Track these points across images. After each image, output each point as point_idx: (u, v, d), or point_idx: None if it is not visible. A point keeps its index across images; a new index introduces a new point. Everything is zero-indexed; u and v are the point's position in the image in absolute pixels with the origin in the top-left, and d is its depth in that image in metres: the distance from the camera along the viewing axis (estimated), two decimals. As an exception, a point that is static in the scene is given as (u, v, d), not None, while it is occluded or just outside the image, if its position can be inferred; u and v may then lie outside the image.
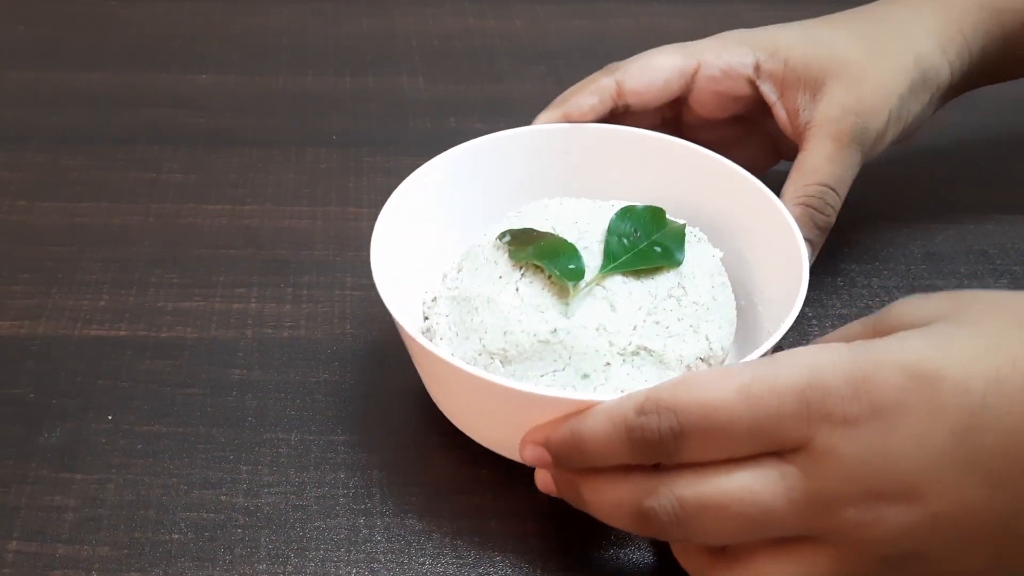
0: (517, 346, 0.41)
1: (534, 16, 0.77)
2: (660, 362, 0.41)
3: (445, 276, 0.46)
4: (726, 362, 0.44)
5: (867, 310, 0.52)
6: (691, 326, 0.42)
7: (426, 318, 0.45)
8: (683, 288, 0.42)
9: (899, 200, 0.59)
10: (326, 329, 0.50)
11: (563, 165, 0.50)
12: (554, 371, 0.40)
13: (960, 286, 0.54)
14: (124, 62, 0.70)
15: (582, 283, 0.42)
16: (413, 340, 0.40)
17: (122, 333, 0.50)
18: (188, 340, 0.49)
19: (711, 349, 0.42)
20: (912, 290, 0.53)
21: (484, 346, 0.41)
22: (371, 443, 0.45)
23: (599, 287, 0.42)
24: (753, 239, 0.46)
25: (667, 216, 0.45)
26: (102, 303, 0.51)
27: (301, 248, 0.55)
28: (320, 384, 0.47)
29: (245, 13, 0.77)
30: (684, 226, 0.45)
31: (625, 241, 0.43)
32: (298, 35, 0.74)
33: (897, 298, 0.52)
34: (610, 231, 0.44)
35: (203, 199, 0.58)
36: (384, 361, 0.48)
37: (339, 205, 0.58)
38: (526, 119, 0.51)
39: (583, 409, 0.37)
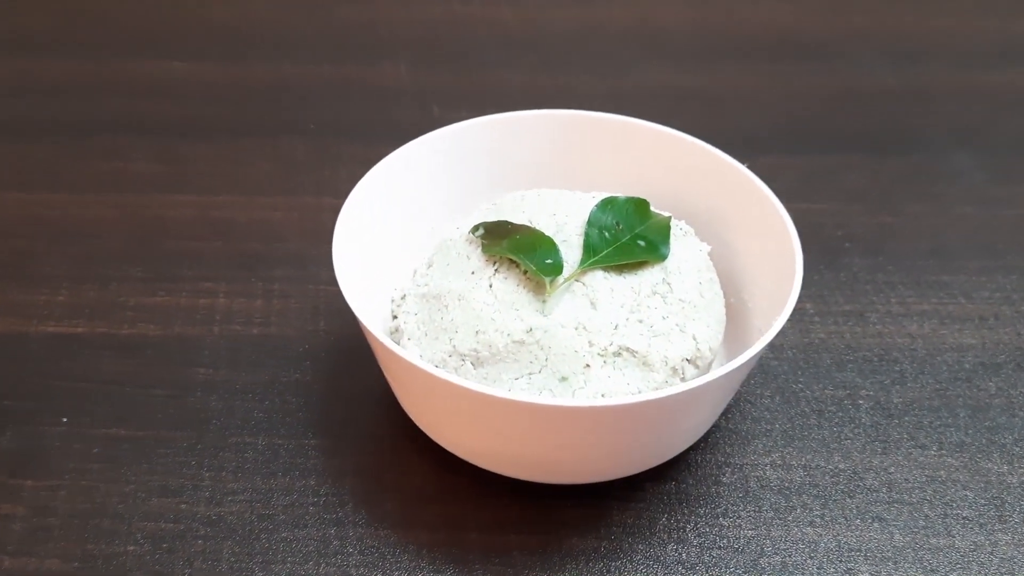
0: (490, 347, 0.38)
1: (523, 4, 0.74)
2: (644, 363, 0.38)
3: (415, 272, 0.43)
4: (714, 364, 0.42)
5: (871, 307, 0.50)
6: (677, 325, 0.39)
7: (395, 317, 0.42)
8: (668, 284, 0.40)
9: (902, 192, 0.57)
10: (298, 326, 0.48)
11: (541, 154, 0.48)
12: (530, 374, 0.38)
13: (969, 283, 0.51)
14: (93, 50, 0.68)
15: (560, 279, 0.39)
16: (376, 339, 0.37)
17: (80, 330, 0.47)
18: (150, 338, 0.47)
19: (698, 350, 0.40)
20: (919, 286, 0.51)
21: (454, 347, 0.39)
22: (344, 448, 0.43)
23: (578, 283, 0.39)
24: (743, 232, 0.45)
25: (651, 208, 0.42)
26: (60, 298, 0.49)
27: (273, 241, 0.53)
28: (290, 384, 0.45)
29: (222, -1, 0.74)
30: (669, 219, 0.43)
31: (606, 234, 0.41)
32: (276, 22, 0.72)
33: (903, 295, 0.51)
34: (590, 224, 0.41)
35: (171, 190, 0.56)
36: (359, 360, 0.46)
37: (315, 196, 0.56)
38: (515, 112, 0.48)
39: (561, 416, 0.34)
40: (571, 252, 0.40)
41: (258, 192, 0.56)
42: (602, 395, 0.38)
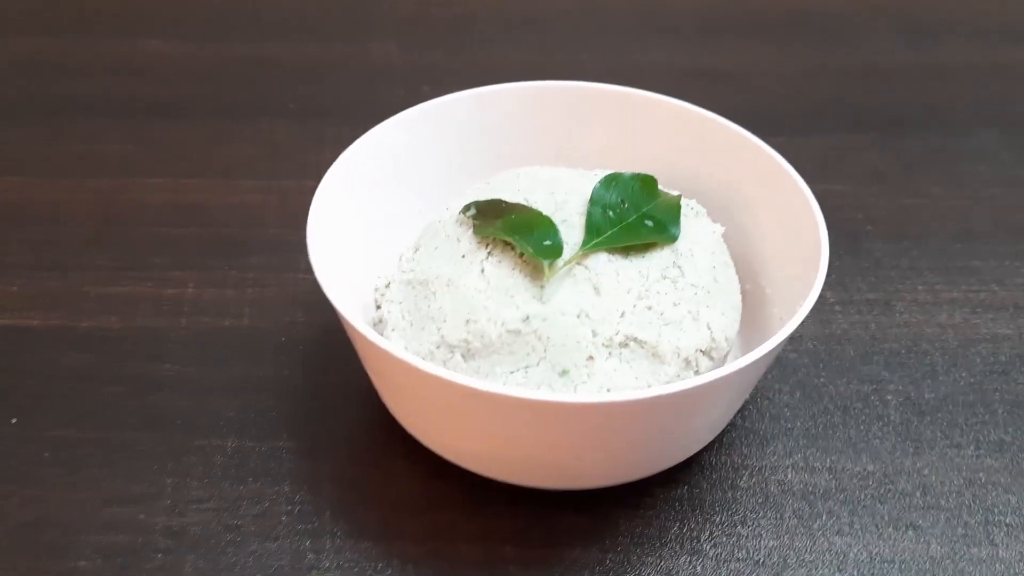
0: (482, 337, 0.34)
1: (519, -22, 0.71)
2: (653, 355, 0.35)
3: (401, 257, 0.40)
4: (730, 356, 0.38)
5: (897, 295, 0.46)
6: (690, 312, 0.36)
7: (379, 307, 0.39)
8: (679, 268, 0.36)
9: (924, 172, 0.54)
10: (274, 318, 0.44)
11: (538, 129, 0.44)
12: (526, 367, 0.34)
13: (1001, 268, 0.48)
14: (65, 27, 0.64)
15: (560, 262, 0.36)
16: (354, 328, 0.34)
17: (34, 323, 0.43)
18: (112, 331, 0.43)
19: (714, 339, 0.36)
20: (947, 272, 0.47)
21: (443, 337, 0.35)
22: (322, 451, 0.39)
23: (580, 267, 0.36)
24: (759, 213, 0.41)
25: (659, 187, 0.39)
26: (14, 288, 0.45)
27: (251, 226, 0.49)
28: (264, 381, 0.42)
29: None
30: (679, 197, 0.39)
31: (611, 213, 0.37)
32: (258, -2, 0.68)
33: (931, 281, 0.47)
34: (593, 202, 0.38)
35: (145, 173, 0.52)
36: (340, 355, 0.42)
37: (296, 179, 0.52)
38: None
39: (562, 413, 0.31)
40: (572, 233, 0.37)
41: (236, 175, 0.53)
42: (607, 390, 0.34)
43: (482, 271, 0.36)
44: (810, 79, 0.61)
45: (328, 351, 0.43)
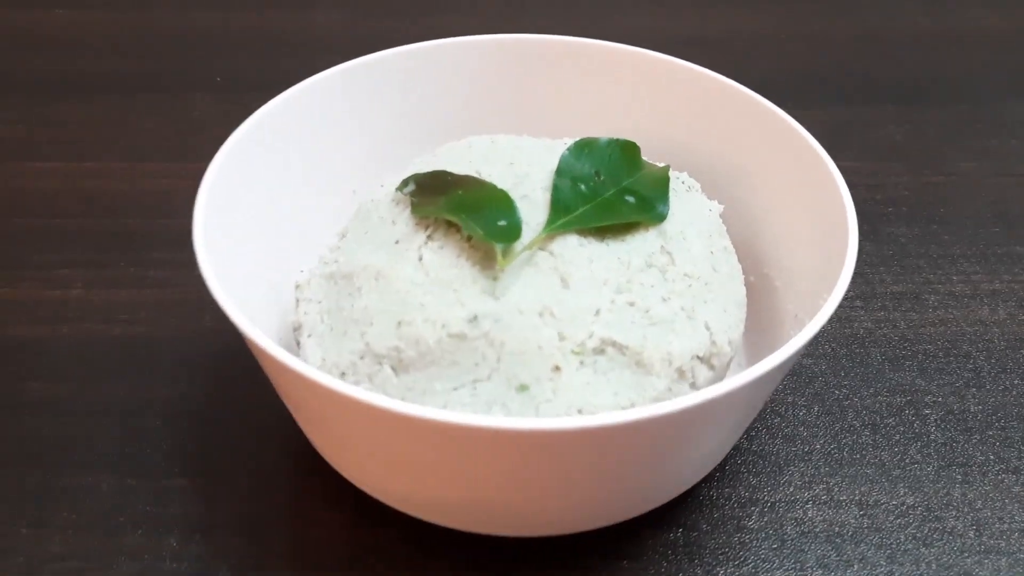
0: (417, 344, 0.27)
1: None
2: (637, 363, 0.27)
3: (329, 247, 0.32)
4: (734, 362, 0.30)
5: (928, 287, 0.39)
6: (683, 309, 0.28)
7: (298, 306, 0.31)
8: (669, 255, 0.29)
9: (950, 147, 0.47)
10: (174, 325, 0.37)
11: (495, 91, 0.37)
12: (475, 381, 0.27)
13: (1050, 253, 0.40)
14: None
15: (518, 246, 0.28)
16: (250, 338, 0.25)
17: None
18: (-30, 343, 0.35)
19: (713, 343, 0.28)
20: (986, 260, 0.40)
21: (368, 345, 0.27)
22: (222, 492, 0.32)
23: (544, 253, 0.28)
24: (767, 189, 0.35)
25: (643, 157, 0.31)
26: None
27: (157, 216, 0.42)
28: (155, 403, 0.34)
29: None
30: (667, 169, 0.31)
31: (582, 187, 0.30)
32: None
33: (965, 270, 0.40)
34: (560, 174, 0.30)
35: (33, 156, 0.45)
36: (252, 370, 0.34)
37: (216, 162, 0.44)
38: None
39: (520, 443, 0.23)
40: (534, 211, 0.29)
41: (143, 157, 0.46)
42: (578, 410, 0.26)
43: (420, 259, 0.28)
44: (814, 46, 0.55)
45: (238, 366, 0.35)
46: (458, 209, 0.29)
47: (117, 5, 0.57)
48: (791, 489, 0.32)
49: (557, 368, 0.27)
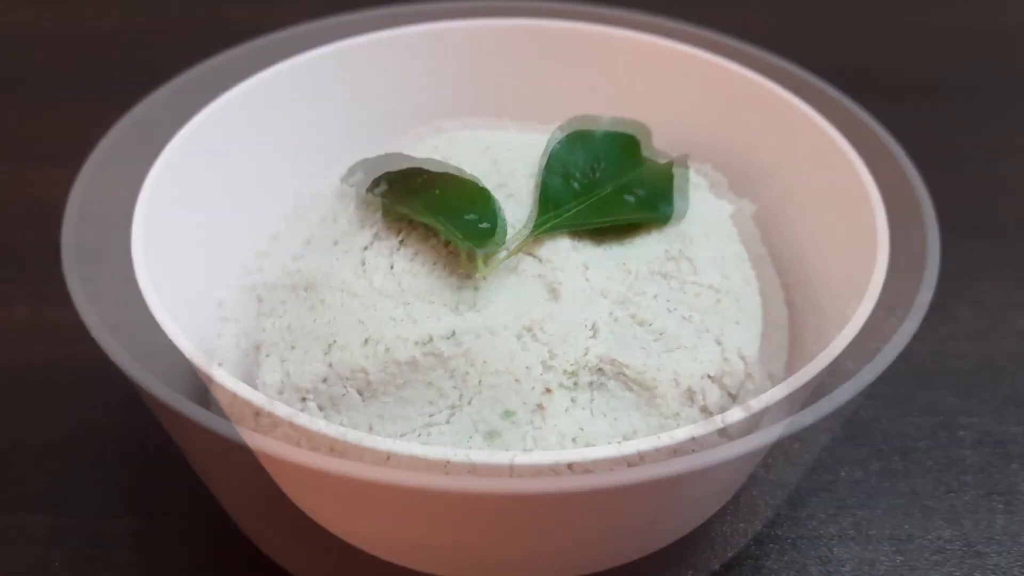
0: (386, 365, 0.23)
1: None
2: (641, 387, 0.23)
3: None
4: (748, 383, 0.27)
5: (959, 298, 0.37)
6: (689, 321, 0.25)
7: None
8: (676, 261, 0.25)
9: (974, 146, 0.45)
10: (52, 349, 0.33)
11: (473, 75, 0.34)
12: (452, 407, 0.23)
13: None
14: None
15: (501, 252, 0.24)
16: (196, 365, 0.22)
17: None
18: None
19: (726, 360, 0.25)
20: (1020, 268, 0.37)
21: (331, 366, 0.24)
22: (169, 532, 0.28)
23: (531, 258, 0.25)
24: (784, 189, 0.32)
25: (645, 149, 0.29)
26: None
27: (48, 226, 0.38)
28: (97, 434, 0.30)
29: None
30: (673, 163, 0.28)
31: (575, 184, 0.27)
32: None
33: (1002, 280, 0.37)
34: (550, 169, 0.27)
35: None
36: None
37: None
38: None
39: (498, 503, 0.19)
40: (519, 210, 0.26)
41: (28, 162, 0.42)
42: (572, 440, 0.23)
43: (390, 267, 0.25)
44: (817, 40, 0.53)
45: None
46: (435, 209, 0.25)
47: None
48: (813, 523, 0.29)
49: (548, 392, 0.23)
